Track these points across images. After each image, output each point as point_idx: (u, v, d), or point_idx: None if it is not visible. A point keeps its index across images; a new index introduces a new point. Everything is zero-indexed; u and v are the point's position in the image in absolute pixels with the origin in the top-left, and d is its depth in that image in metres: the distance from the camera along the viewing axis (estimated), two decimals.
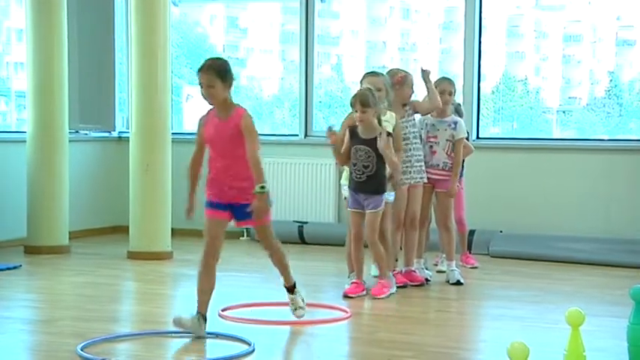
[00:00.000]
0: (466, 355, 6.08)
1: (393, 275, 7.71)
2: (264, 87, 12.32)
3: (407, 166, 7.75)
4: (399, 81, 7.83)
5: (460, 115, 8.71)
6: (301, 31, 11.24)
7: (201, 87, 5.90)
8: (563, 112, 10.48)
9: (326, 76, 11.75)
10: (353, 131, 6.80)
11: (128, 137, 9.94)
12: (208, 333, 6.11)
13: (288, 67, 11.93)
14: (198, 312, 5.83)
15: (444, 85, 8.23)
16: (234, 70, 6.04)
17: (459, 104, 8.99)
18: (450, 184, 8.24)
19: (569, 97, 10.52)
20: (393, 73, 8.09)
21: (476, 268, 8.94)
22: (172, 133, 9.71)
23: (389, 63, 10.99)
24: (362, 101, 6.63)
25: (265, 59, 12.37)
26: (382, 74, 7.98)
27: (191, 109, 11.73)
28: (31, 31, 9.71)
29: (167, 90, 9.60)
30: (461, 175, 8.86)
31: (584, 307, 5.02)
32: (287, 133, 11.71)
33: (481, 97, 10.28)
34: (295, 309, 6.21)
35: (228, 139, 5.81)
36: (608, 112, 10.13)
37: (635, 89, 10.07)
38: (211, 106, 5.99)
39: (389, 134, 6.81)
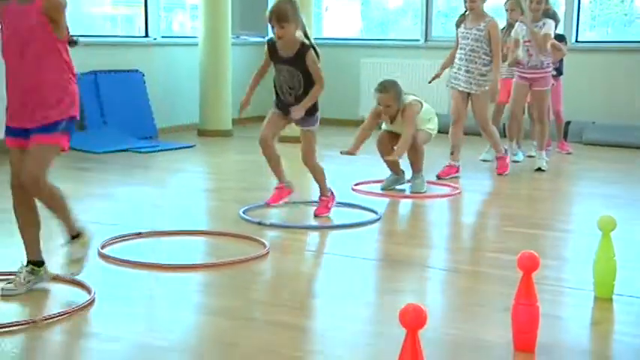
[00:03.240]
0: (560, 225, 6.09)
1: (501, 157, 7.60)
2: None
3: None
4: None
5: (556, 20, 8.25)
6: None
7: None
8: None
9: None
10: (273, 48, 5.71)
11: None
12: (341, 203, 6.20)
13: None
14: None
15: None
16: None
17: (555, 11, 8.52)
18: (543, 84, 7.88)
19: None
20: None
21: (570, 154, 9.00)
22: (316, 39, 9.88)
23: None
24: (278, 16, 5.40)
25: None
26: None
27: (329, 18, 11.79)
28: None
29: (311, 1, 9.75)
30: (560, 74, 8.86)
31: None
32: (410, 38, 11.34)
33: (581, 5, 10.03)
34: (73, 259, 4.29)
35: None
36: None
37: None
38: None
39: (314, 49, 5.72)
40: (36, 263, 4.26)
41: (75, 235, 4.31)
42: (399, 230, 5.97)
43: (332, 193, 6.12)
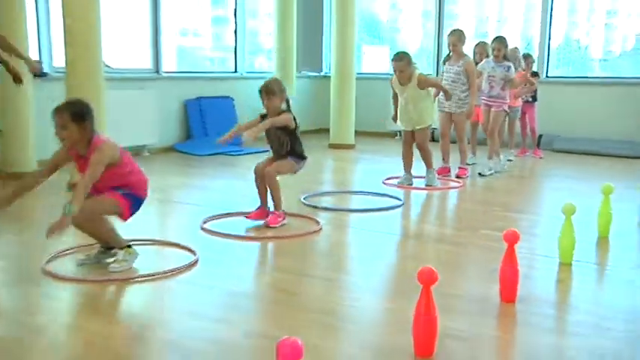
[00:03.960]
0: (534, 210, 6.12)
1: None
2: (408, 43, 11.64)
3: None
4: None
5: (514, 58, 7.95)
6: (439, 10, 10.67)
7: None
8: (603, 60, 10.11)
9: None
10: (263, 117, 5.16)
11: (329, 76, 10.03)
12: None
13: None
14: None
15: (497, 44, 7.40)
16: None
17: (510, 53, 7.94)
18: (499, 107, 7.53)
19: (607, 51, 10.18)
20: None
21: (542, 158, 8.81)
22: (357, 73, 9.79)
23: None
24: (267, 91, 5.04)
25: (415, 27, 11.53)
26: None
27: (366, 58, 11.53)
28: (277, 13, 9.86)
29: (354, 46, 9.64)
30: (535, 100, 8.79)
31: (615, 182, 5.12)
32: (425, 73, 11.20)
33: (550, 50, 9.93)
34: (118, 261, 4.00)
35: None
36: (631, 61, 9.94)
37: None
38: None
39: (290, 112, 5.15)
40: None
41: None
42: (416, 213, 5.92)
43: (284, 211, 5.27)
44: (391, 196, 6.22)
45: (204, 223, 5.07)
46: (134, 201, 4.03)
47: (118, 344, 3.06)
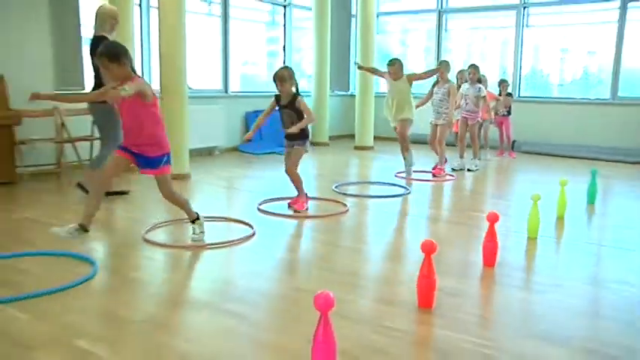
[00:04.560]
0: (509, 197, 5.97)
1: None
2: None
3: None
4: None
5: (484, 82, 7.91)
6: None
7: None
8: (560, 85, 9.96)
9: None
10: (278, 98, 4.86)
11: (354, 94, 9.93)
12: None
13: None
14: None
15: (472, 70, 7.36)
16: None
17: (483, 78, 7.98)
18: (474, 119, 7.47)
19: (562, 78, 9.96)
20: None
21: (515, 158, 8.65)
22: (375, 92, 9.66)
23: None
24: (280, 78, 4.70)
25: (418, 59, 11.18)
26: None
27: (382, 82, 11.46)
28: (315, 48, 9.81)
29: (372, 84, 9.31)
30: (509, 114, 8.63)
31: (569, 176, 5.12)
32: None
33: (521, 78, 9.80)
34: (195, 233, 3.96)
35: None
36: (580, 86, 9.81)
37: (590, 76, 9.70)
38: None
39: (296, 97, 4.81)
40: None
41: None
42: (420, 199, 5.86)
43: (307, 195, 5.07)
44: (401, 186, 6.19)
45: (260, 205, 5.08)
46: (168, 158, 3.76)
47: (197, 293, 3.12)
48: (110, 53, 3.48)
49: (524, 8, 9.78)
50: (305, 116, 4.79)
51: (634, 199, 5.79)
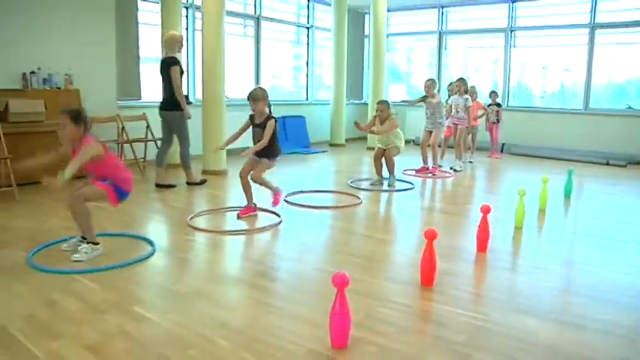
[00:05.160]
0: (498, 192, 5.89)
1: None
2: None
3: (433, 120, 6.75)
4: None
5: (472, 93, 7.79)
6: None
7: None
8: (541, 96, 9.85)
9: None
10: (252, 118, 4.36)
11: (367, 103, 9.85)
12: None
13: None
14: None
15: (459, 82, 7.22)
16: None
17: (471, 88, 7.81)
18: (463, 125, 7.30)
19: (544, 91, 9.93)
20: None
21: (501, 159, 8.44)
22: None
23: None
24: (253, 97, 4.25)
25: (422, 73, 10.87)
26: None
27: (392, 92, 11.04)
28: (334, 63, 9.67)
29: (383, 84, 9.34)
30: (499, 121, 8.51)
31: (550, 174, 5.03)
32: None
33: (509, 92, 9.60)
34: (78, 253, 3.23)
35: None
36: (557, 98, 9.63)
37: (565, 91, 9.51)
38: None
39: (270, 118, 4.30)
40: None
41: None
42: (424, 193, 5.81)
43: (255, 205, 4.52)
44: (407, 182, 6.13)
45: (287, 196, 5.06)
46: (119, 191, 3.33)
47: (232, 271, 3.13)
48: (73, 113, 3.23)
49: (512, 31, 9.70)
50: (263, 137, 4.26)
51: (603, 194, 5.71)
